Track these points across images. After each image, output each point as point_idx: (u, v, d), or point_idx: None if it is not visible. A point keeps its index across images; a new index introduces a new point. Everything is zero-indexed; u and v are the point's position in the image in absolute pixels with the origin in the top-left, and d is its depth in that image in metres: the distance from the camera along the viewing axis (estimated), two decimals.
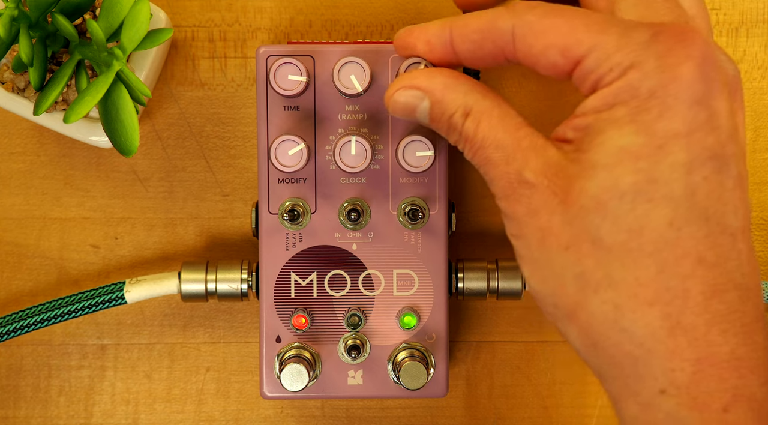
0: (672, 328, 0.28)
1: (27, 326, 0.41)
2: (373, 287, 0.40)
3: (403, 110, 0.34)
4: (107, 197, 0.44)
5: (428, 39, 0.33)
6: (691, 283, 0.28)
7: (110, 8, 0.36)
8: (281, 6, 0.44)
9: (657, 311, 0.29)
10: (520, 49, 0.31)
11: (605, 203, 0.29)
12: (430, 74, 0.33)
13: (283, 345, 0.40)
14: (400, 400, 0.45)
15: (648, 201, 0.28)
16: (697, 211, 0.28)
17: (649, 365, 0.29)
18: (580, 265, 0.29)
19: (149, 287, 0.41)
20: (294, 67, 0.37)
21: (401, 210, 0.39)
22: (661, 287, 0.28)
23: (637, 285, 0.29)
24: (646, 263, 0.29)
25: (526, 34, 0.31)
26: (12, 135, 0.44)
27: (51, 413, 0.45)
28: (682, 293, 0.28)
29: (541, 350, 0.45)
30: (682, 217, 0.28)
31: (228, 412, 0.45)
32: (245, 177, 0.44)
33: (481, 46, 0.32)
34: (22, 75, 0.39)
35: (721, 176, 0.29)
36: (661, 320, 0.28)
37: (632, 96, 0.29)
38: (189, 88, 0.44)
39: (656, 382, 0.29)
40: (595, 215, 0.29)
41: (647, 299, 0.29)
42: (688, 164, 0.28)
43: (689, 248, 0.28)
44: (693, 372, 0.28)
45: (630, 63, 0.29)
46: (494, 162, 0.31)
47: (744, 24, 0.44)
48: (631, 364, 0.29)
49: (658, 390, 0.29)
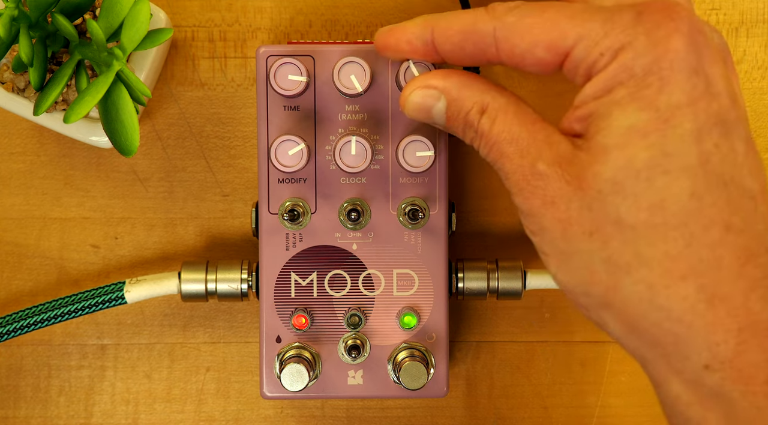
0: (710, 300, 0.28)
1: (27, 326, 0.41)
2: (373, 287, 0.40)
3: (419, 110, 0.34)
4: (107, 197, 0.44)
5: (409, 39, 0.33)
6: (722, 251, 0.28)
7: (110, 8, 0.36)
8: (281, 6, 0.44)
9: (692, 284, 0.28)
10: (503, 50, 0.31)
11: (622, 183, 0.28)
12: (445, 74, 0.33)
13: (283, 345, 0.40)
14: (400, 400, 0.45)
15: (665, 174, 0.28)
16: (714, 178, 0.28)
17: (690, 341, 0.28)
18: (606, 249, 0.29)
19: (149, 287, 0.41)
20: (294, 67, 0.37)
21: (401, 210, 0.39)
22: (692, 260, 0.28)
23: (668, 261, 0.28)
24: (673, 236, 0.28)
25: (508, 36, 0.31)
26: (12, 135, 0.44)
27: (51, 413, 0.45)
28: (715, 262, 0.28)
29: (541, 350, 0.45)
30: (701, 186, 0.28)
31: (228, 412, 0.45)
32: (245, 177, 0.44)
33: (462, 48, 0.32)
34: (22, 75, 0.39)
35: (730, 140, 0.29)
36: (698, 293, 0.28)
37: (629, 76, 0.29)
38: (189, 88, 0.44)
39: (700, 358, 0.28)
40: (614, 196, 0.29)
41: (680, 273, 0.28)
42: (697, 133, 0.28)
43: (714, 216, 0.28)
44: (736, 344, 0.28)
45: (620, 45, 0.29)
46: (508, 156, 0.31)
47: (744, 24, 0.44)
48: (673, 342, 0.29)
49: (702, 366, 0.28)
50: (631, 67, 0.29)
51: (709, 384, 0.28)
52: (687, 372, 0.29)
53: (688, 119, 0.28)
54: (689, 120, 0.28)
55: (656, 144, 0.28)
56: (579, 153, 0.30)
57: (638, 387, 0.45)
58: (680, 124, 0.28)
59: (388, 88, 0.38)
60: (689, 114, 0.28)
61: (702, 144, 0.28)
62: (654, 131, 0.28)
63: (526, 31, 0.30)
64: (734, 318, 0.28)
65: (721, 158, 0.28)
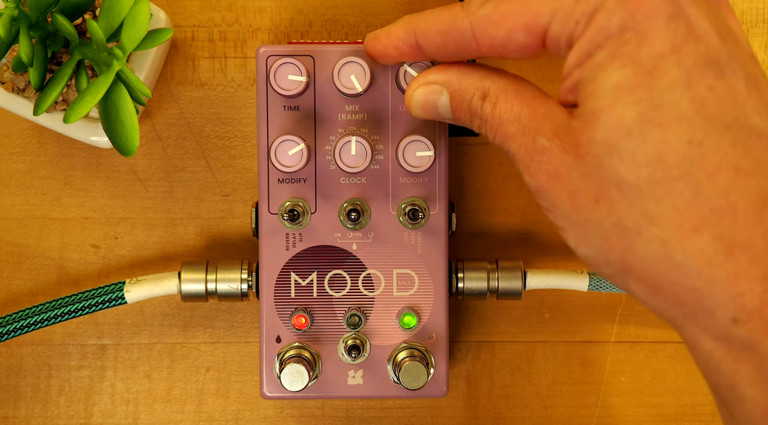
0: (728, 249, 0.27)
1: (27, 326, 0.41)
2: (373, 287, 0.40)
3: (425, 107, 0.34)
4: (107, 197, 0.44)
5: (395, 45, 0.34)
6: (735, 197, 0.27)
7: (110, 8, 0.36)
8: (281, 6, 0.44)
9: (706, 235, 0.27)
10: (483, 44, 0.31)
11: (615, 144, 0.28)
12: (442, 68, 0.34)
13: (283, 345, 0.40)
14: (400, 400, 0.45)
15: (657, 127, 0.27)
16: (713, 121, 0.27)
17: (713, 295, 0.27)
18: (614, 213, 0.28)
19: (149, 287, 0.41)
20: (294, 67, 0.37)
21: (401, 210, 0.39)
22: (703, 210, 0.27)
23: (677, 215, 0.27)
24: (678, 189, 0.27)
25: (485, 28, 0.31)
26: (12, 135, 0.44)
27: (51, 413, 0.45)
28: (729, 209, 0.27)
29: (541, 350, 0.45)
30: (699, 132, 0.27)
31: (228, 412, 0.45)
32: (245, 177, 0.44)
33: (445, 47, 0.33)
34: (22, 75, 0.39)
35: (726, 80, 0.28)
36: (714, 244, 0.27)
37: (606, 37, 0.28)
38: (189, 88, 0.44)
39: (725, 312, 0.27)
40: (611, 159, 0.28)
41: (692, 225, 0.27)
42: (686, 79, 0.27)
43: (719, 161, 0.27)
44: (763, 292, 0.27)
45: (593, 9, 0.28)
46: (512, 136, 0.31)
47: (744, 24, 0.44)
48: (696, 298, 0.28)
49: (730, 320, 0.27)
50: (606, 27, 0.28)
51: (738, 337, 0.27)
52: (715, 328, 0.28)
53: (673, 66, 0.27)
54: (675, 67, 0.27)
55: (644, 98, 0.27)
56: (573, 122, 0.29)
57: (638, 387, 0.45)
58: (666, 73, 0.27)
59: (388, 88, 0.38)
60: (674, 61, 0.27)
61: (693, 89, 0.27)
62: (639, 85, 0.28)
63: (501, 20, 0.30)
64: (757, 266, 0.27)
65: (718, 100, 0.27)
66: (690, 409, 0.45)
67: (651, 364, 0.45)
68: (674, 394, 0.45)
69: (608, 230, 0.29)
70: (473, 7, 0.31)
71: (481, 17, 0.31)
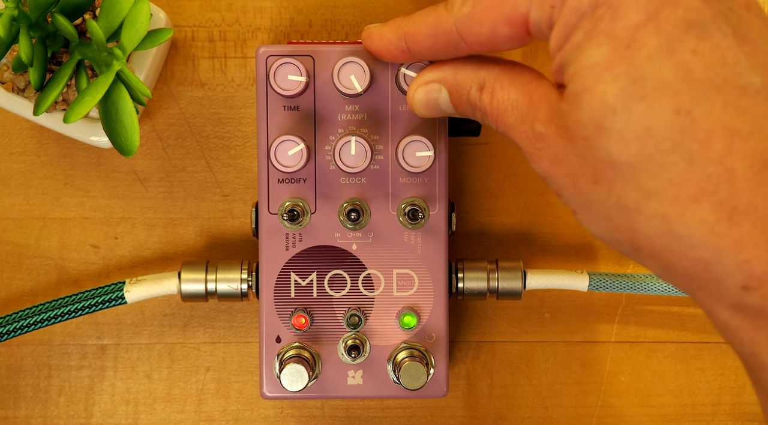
0: (730, 216, 0.26)
1: (27, 326, 0.41)
2: (373, 288, 0.40)
3: (427, 106, 0.34)
4: (107, 197, 0.44)
5: (388, 48, 0.34)
6: (732, 161, 0.26)
7: (110, 8, 0.36)
8: (281, 6, 0.44)
9: (706, 204, 0.26)
10: (470, 42, 0.31)
11: (601, 123, 0.27)
12: (438, 65, 0.34)
13: (283, 345, 0.40)
14: (400, 400, 0.45)
15: (641, 100, 0.27)
16: (701, 86, 0.26)
17: (720, 265, 0.27)
18: (613, 193, 0.28)
19: (149, 287, 0.41)
20: (294, 67, 0.37)
21: (401, 210, 0.39)
22: (699, 179, 0.26)
23: (673, 187, 0.27)
24: (671, 160, 0.26)
25: (469, 27, 0.31)
26: (12, 135, 0.44)
27: (51, 413, 0.45)
28: (726, 175, 0.26)
29: (541, 350, 0.45)
30: (686, 99, 0.26)
31: (228, 412, 0.45)
32: (245, 177, 0.44)
33: (435, 49, 0.33)
34: (22, 75, 0.39)
35: (711, 40, 0.26)
36: (715, 212, 0.26)
37: (580, 16, 0.28)
38: (189, 88, 0.44)
39: (735, 280, 0.27)
40: (600, 139, 0.28)
41: (690, 196, 0.26)
42: (666, 46, 0.26)
43: (711, 127, 0.26)
44: None
45: None
46: (512, 125, 0.31)
47: None
48: (704, 270, 0.27)
49: (740, 288, 0.27)
50: (578, 6, 0.28)
51: (750, 304, 0.27)
52: (727, 297, 0.27)
53: (651, 36, 0.27)
54: (653, 36, 0.27)
55: (623, 73, 0.27)
56: (562, 104, 0.29)
57: (638, 387, 0.45)
58: (644, 44, 0.27)
59: (388, 88, 0.38)
60: (651, 30, 0.27)
61: (676, 56, 0.26)
62: (618, 60, 0.27)
63: (483, 16, 0.31)
64: (761, 230, 0.26)
65: (705, 62, 0.26)
66: (690, 409, 0.45)
67: (651, 364, 0.45)
68: (674, 394, 0.45)
69: (611, 210, 0.28)
70: (455, 7, 0.31)
71: (463, 17, 0.31)
